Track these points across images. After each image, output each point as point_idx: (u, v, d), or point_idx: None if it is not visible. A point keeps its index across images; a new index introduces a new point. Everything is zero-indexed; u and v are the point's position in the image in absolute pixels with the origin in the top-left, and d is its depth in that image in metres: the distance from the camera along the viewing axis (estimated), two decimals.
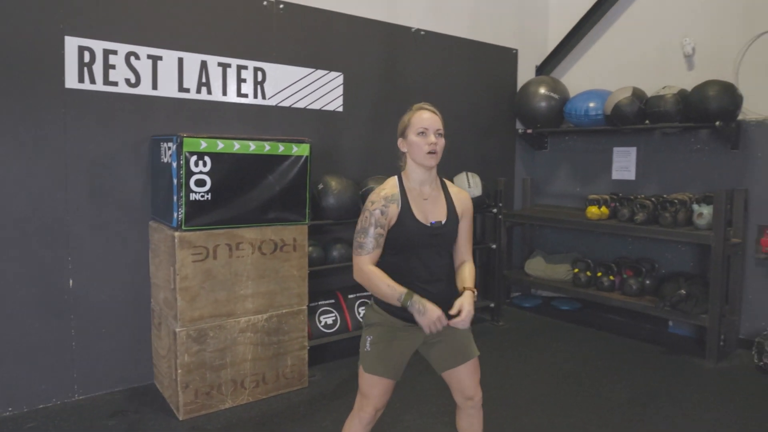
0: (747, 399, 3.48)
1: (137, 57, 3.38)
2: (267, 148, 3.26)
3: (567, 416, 3.23)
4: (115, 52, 3.31)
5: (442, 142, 2.18)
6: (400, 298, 2.05)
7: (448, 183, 2.34)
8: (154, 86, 3.45)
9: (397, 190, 2.18)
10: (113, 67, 3.32)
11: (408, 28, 4.59)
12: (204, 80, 3.62)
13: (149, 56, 3.42)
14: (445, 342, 2.27)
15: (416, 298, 2.05)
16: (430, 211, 2.19)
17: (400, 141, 2.24)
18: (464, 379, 2.30)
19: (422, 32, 4.67)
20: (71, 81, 3.21)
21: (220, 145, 3.10)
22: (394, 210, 2.14)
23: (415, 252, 2.16)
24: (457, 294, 2.23)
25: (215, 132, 3.49)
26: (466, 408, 2.35)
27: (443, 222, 2.19)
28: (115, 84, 3.33)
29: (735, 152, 4.36)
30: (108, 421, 3.11)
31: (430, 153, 2.14)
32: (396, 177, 2.24)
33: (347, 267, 4.19)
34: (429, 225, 2.15)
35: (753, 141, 4.29)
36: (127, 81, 3.37)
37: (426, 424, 3.10)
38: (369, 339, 2.24)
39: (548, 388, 3.61)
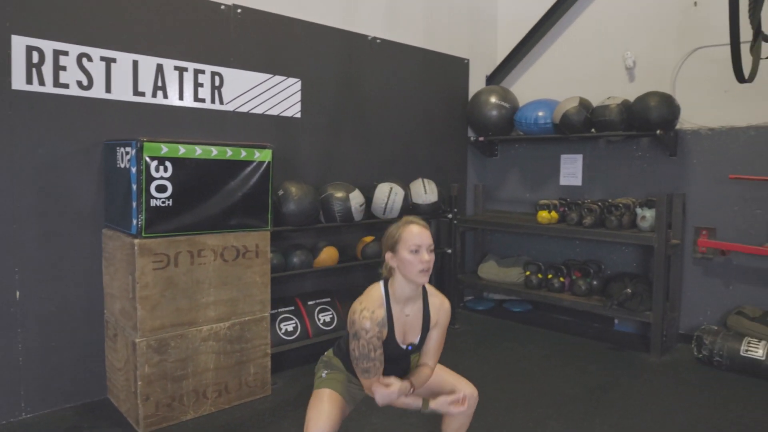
0: (690, 388, 3.72)
1: (89, 59, 3.27)
2: (229, 153, 3.23)
3: (527, 411, 3.34)
4: (66, 53, 3.19)
5: (433, 257, 2.19)
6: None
7: (429, 290, 2.34)
8: (108, 89, 3.35)
9: (383, 311, 2.17)
10: (64, 68, 3.20)
11: (365, 36, 4.64)
12: (160, 84, 3.54)
13: (102, 58, 3.32)
14: None
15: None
16: (408, 331, 2.24)
17: (388, 255, 2.21)
18: (444, 385, 2.36)
19: (378, 40, 4.74)
20: (18, 82, 3.07)
21: (182, 150, 3.04)
22: (382, 328, 2.15)
23: (388, 363, 2.21)
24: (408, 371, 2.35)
25: (172, 137, 3.41)
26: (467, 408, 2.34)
27: (416, 343, 2.27)
28: (66, 86, 3.21)
29: (673, 159, 4.64)
30: None
31: (423, 271, 2.15)
32: (381, 287, 2.23)
33: (307, 273, 4.21)
34: (404, 348, 2.23)
35: (689, 149, 4.58)
36: (79, 83, 3.25)
37: (392, 426, 3.14)
38: (326, 372, 2.31)
39: (507, 386, 3.72)
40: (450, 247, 5.09)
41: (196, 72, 3.70)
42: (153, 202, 2.97)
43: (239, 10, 3.89)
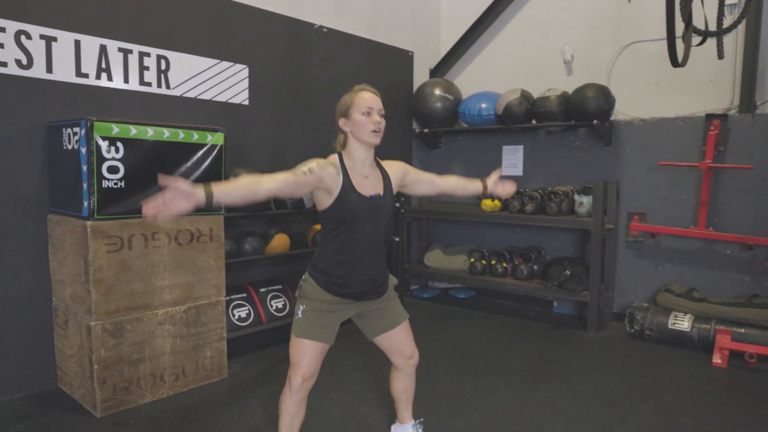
0: (623, 359, 4.09)
1: (29, 36, 3.23)
2: (181, 135, 3.31)
3: (477, 384, 3.60)
4: (2, 30, 3.15)
5: (383, 122, 2.38)
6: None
7: (380, 161, 2.54)
8: (49, 69, 3.32)
9: (338, 164, 2.34)
10: (1, 45, 3.15)
11: (311, 24, 4.79)
12: (104, 66, 3.55)
13: (42, 36, 3.28)
14: (378, 311, 2.51)
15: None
16: (369, 186, 2.38)
17: (342, 121, 2.39)
18: (402, 339, 2.57)
19: (325, 29, 4.90)
20: None
21: (133, 131, 3.10)
22: (335, 178, 2.28)
23: (357, 223, 2.34)
24: (387, 276, 2.51)
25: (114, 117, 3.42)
26: (405, 368, 2.62)
27: (381, 194, 2.40)
28: (4, 65, 3.17)
29: (608, 149, 5.03)
30: (15, 426, 2.99)
31: (374, 131, 2.34)
32: (336, 155, 2.40)
33: (258, 260, 4.32)
34: (369, 197, 2.35)
35: (623, 139, 4.98)
36: (18, 62, 3.21)
37: (350, 401, 3.32)
38: (302, 308, 2.40)
39: (457, 363, 3.97)
40: (398, 236, 5.31)
41: (142, 54, 3.73)
42: (105, 183, 3.02)
43: None
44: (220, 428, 3.01)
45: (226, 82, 4.19)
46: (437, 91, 5.60)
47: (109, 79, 3.58)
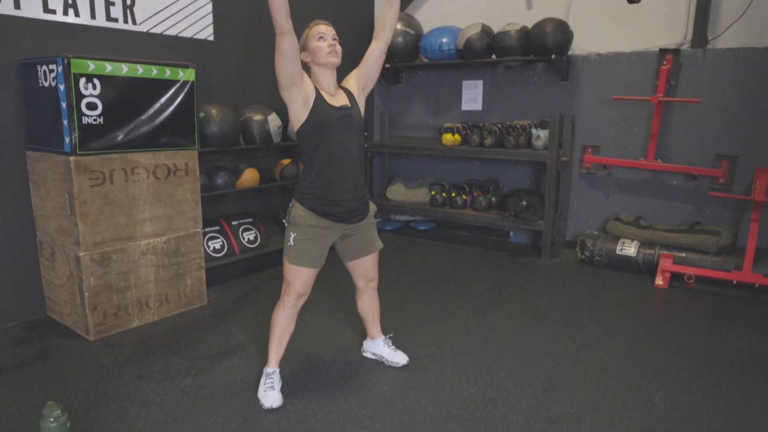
0: (574, 282, 4.62)
1: None
2: (154, 72, 3.51)
3: (440, 304, 4.06)
4: None
5: (339, 47, 2.69)
6: None
7: (342, 83, 2.87)
8: (17, 5, 3.43)
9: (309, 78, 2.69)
10: None
11: None
12: (71, 1, 3.67)
13: None
14: (358, 236, 2.88)
15: None
16: (337, 100, 2.71)
17: (303, 54, 2.69)
18: (369, 266, 3.01)
19: None
20: None
21: (109, 68, 3.29)
22: (311, 87, 2.63)
23: (331, 131, 2.65)
24: (368, 198, 2.88)
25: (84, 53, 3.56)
26: (367, 290, 3.08)
27: (349, 105, 2.74)
28: None
29: (565, 83, 5.41)
30: (13, 350, 3.29)
31: (330, 53, 2.65)
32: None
33: (229, 194, 4.61)
34: (338, 107, 2.68)
35: (579, 73, 5.36)
36: None
37: (323, 321, 3.74)
38: (293, 235, 2.74)
39: (420, 287, 4.41)
40: None
41: None
42: (85, 120, 3.23)
43: None
44: (206, 346, 3.38)
45: (191, 17, 4.34)
46: (398, 26, 5.81)
47: (76, 14, 3.71)
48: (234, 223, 4.59)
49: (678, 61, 4.88)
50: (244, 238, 4.57)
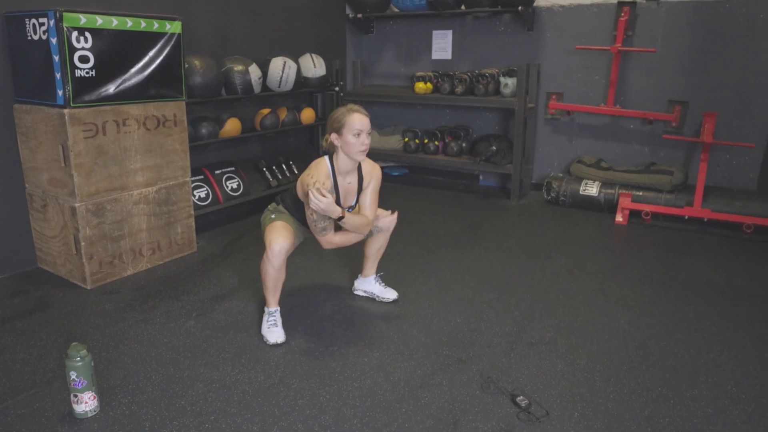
0: (542, 221, 4.84)
1: None
2: (143, 24, 3.45)
3: (420, 246, 4.21)
4: None
5: (370, 140, 2.77)
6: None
7: (362, 161, 2.88)
8: None
9: (331, 181, 2.75)
10: None
11: None
12: None
13: None
14: None
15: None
16: (347, 196, 2.85)
17: (334, 136, 2.74)
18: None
19: None
20: None
21: (99, 21, 3.23)
22: (331, 191, 2.74)
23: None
24: None
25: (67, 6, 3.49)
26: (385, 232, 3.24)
27: (353, 205, 2.90)
28: None
29: (530, 33, 5.49)
30: (12, 300, 3.30)
31: (362, 151, 2.73)
32: (327, 162, 2.79)
33: (211, 144, 4.60)
34: (345, 208, 2.81)
35: (544, 24, 5.44)
36: None
37: (313, 263, 3.85)
38: (274, 215, 2.91)
39: (400, 230, 4.50)
40: None
41: None
42: (77, 73, 3.18)
43: None
44: (203, 290, 3.46)
45: None
46: None
47: None
48: (217, 172, 4.60)
49: (634, 13, 5.01)
50: (227, 187, 4.59)
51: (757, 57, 4.64)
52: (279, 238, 2.76)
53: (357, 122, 2.71)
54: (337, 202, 2.81)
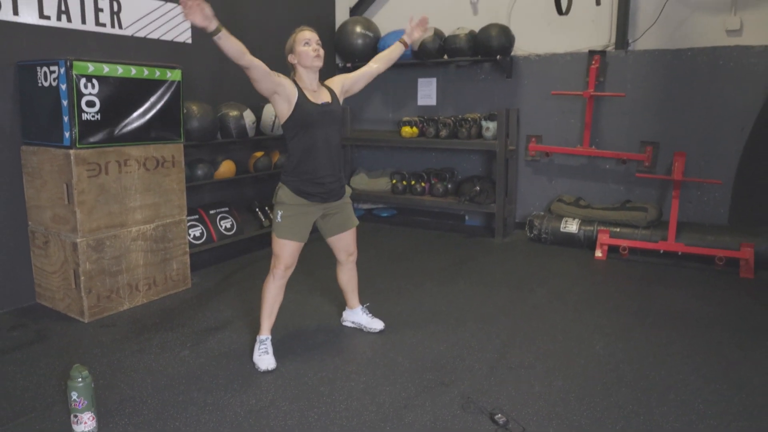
0: (525, 257, 5.00)
1: None
2: (145, 72, 3.67)
3: (407, 280, 4.34)
4: None
5: (322, 51, 2.92)
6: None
7: (323, 82, 3.09)
8: (15, 12, 3.54)
9: (293, 82, 2.89)
10: None
11: None
12: (63, 8, 3.78)
13: None
14: (337, 214, 3.13)
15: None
16: (319, 98, 2.95)
17: (290, 56, 2.93)
18: (348, 240, 3.25)
19: None
20: None
21: (106, 69, 3.44)
22: (292, 89, 2.84)
23: (313, 126, 2.89)
24: (344, 180, 3.13)
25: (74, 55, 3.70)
26: (347, 263, 3.33)
27: (330, 102, 2.98)
28: None
29: (509, 80, 5.77)
30: (11, 333, 3.39)
31: (315, 56, 2.88)
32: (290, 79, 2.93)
33: (206, 185, 4.78)
34: (320, 104, 2.93)
35: (521, 72, 5.72)
36: None
37: (303, 297, 3.97)
38: (280, 213, 2.98)
39: (387, 265, 4.69)
40: None
41: None
42: (84, 116, 3.37)
43: None
44: (197, 323, 3.56)
45: (171, 22, 4.48)
46: (358, 29, 6.06)
47: (68, 20, 3.82)
48: (212, 212, 4.75)
49: (605, 61, 5.30)
50: (221, 226, 4.74)
51: (719, 100, 4.91)
52: (285, 259, 2.95)
53: (304, 35, 2.88)
54: (303, 98, 2.84)
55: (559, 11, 4.36)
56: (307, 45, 2.88)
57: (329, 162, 2.98)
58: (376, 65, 3.24)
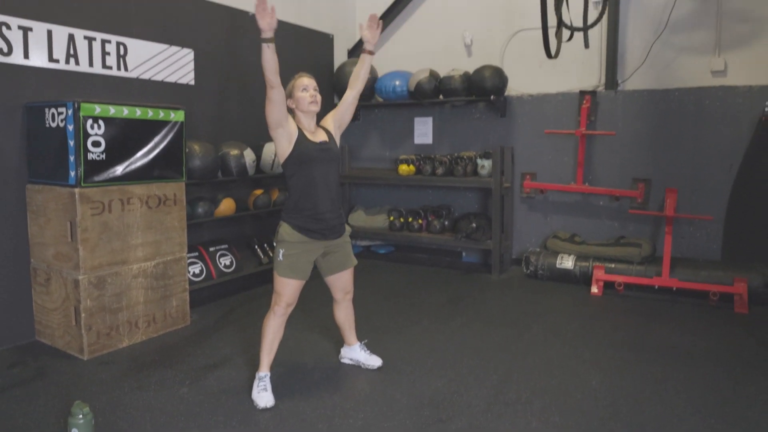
0: (521, 293, 5.03)
1: (8, 27, 3.56)
2: (150, 113, 3.77)
3: (404, 317, 4.37)
4: None
5: (319, 96, 3.06)
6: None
7: (321, 123, 3.22)
8: (26, 56, 3.66)
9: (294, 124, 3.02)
10: None
11: (246, 12, 5.24)
12: (72, 52, 3.90)
13: (20, 27, 3.61)
14: (337, 253, 3.18)
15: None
16: (317, 137, 3.06)
17: (288, 101, 3.03)
18: (345, 279, 3.31)
19: None
20: None
21: (112, 111, 3.54)
22: (294, 127, 2.97)
23: (312, 164, 2.99)
24: (343, 218, 3.20)
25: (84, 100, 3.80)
26: (344, 301, 3.38)
27: (327, 141, 3.10)
28: None
29: (503, 119, 5.90)
30: (11, 370, 3.40)
31: (311, 103, 3.02)
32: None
33: (206, 223, 4.83)
34: (318, 142, 3.04)
35: (515, 111, 5.86)
36: (0, 50, 3.56)
37: (301, 335, 3.99)
38: (282, 251, 3.03)
39: (385, 303, 4.72)
40: None
41: (104, 41, 4.10)
42: (90, 156, 3.45)
43: None
44: (196, 360, 3.57)
45: (175, 64, 4.61)
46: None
47: (77, 63, 3.94)
48: (211, 249, 4.80)
49: (595, 101, 5.44)
50: (220, 263, 4.78)
51: (708, 138, 5.03)
52: (286, 296, 3.01)
53: (302, 81, 3.03)
54: (302, 136, 2.98)
55: (549, 55, 4.50)
56: (304, 91, 3.02)
57: (328, 198, 3.06)
58: (351, 91, 3.29)
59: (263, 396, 2.99)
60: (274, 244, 3.12)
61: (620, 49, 5.34)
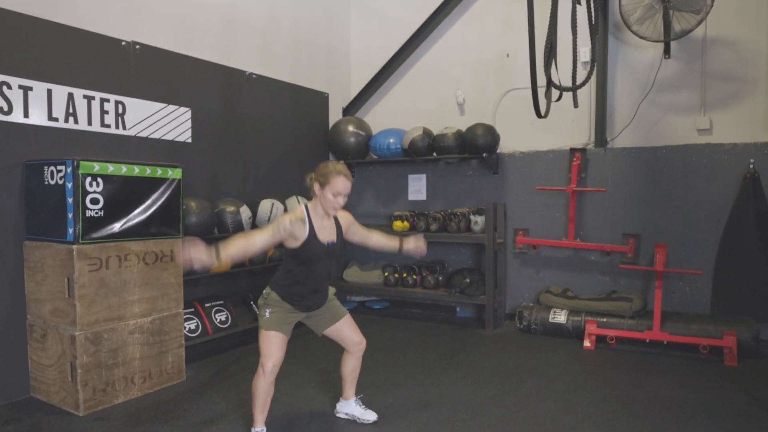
0: (515, 347, 5.11)
1: (9, 86, 3.77)
2: (148, 171, 3.94)
3: (398, 372, 4.44)
4: None
5: (344, 203, 3.10)
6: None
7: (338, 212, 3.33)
8: (26, 114, 3.85)
9: (305, 218, 3.09)
10: None
11: (243, 72, 5.53)
12: (71, 111, 4.10)
13: (20, 86, 3.82)
14: (321, 313, 3.33)
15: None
16: (326, 235, 3.17)
17: (317, 186, 3.09)
18: (347, 329, 3.42)
19: (254, 75, 5.65)
20: None
21: (110, 168, 3.72)
22: (302, 230, 3.06)
23: (315, 262, 3.15)
24: (326, 300, 3.34)
25: (82, 157, 3.92)
26: (355, 352, 3.46)
27: (335, 241, 3.22)
28: None
29: (495, 176, 6.12)
30: (5, 427, 3.45)
31: (335, 208, 3.12)
32: (304, 206, 3.15)
33: (203, 278, 4.94)
34: (326, 244, 3.16)
35: (507, 168, 6.09)
36: (1, 109, 3.75)
37: (296, 390, 4.05)
38: (268, 310, 3.18)
39: (380, 357, 4.79)
40: None
41: (102, 100, 4.31)
42: (88, 213, 3.60)
43: (138, 47, 4.58)
44: (192, 416, 3.63)
45: (172, 122, 4.82)
46: (350, 128, 6.47)
47: (76, 122, 4.13)
48: (207, 305, 4.90)
49: (585, 158, 5.68)
50: (216, 319, 4.87)
51: (695, 194, 5.25)
52: (273, 355, 3.08)
53: (339, 185, 3.01)
54: (313, 235, 3.06)
55: (538, 115, 4.75)
56: (336, 196, 3.03)
57: (320, 286, 3.25)
58: (372, 242, 3.49)
59: None
60: (260, 303, 3.25)
61: (609, 108, 5.61)
